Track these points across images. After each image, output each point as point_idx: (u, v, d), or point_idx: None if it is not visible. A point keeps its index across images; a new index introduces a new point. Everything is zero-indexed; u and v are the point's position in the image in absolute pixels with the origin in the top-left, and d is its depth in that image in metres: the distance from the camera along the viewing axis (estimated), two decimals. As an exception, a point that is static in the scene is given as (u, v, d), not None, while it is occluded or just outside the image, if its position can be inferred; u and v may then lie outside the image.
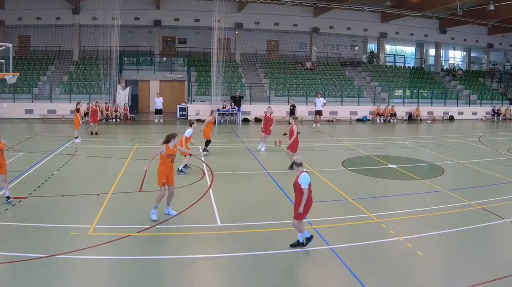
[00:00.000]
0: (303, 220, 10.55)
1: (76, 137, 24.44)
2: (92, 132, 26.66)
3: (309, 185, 10.24)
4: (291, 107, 31.35)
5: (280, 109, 37.02)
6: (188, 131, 17.71)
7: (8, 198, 13.67)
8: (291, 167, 18.43)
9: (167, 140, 12.54)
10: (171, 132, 12.72)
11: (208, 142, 21.39)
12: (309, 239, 10.41)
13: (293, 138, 18.68)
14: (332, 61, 47.10)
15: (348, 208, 13.79)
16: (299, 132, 23.23)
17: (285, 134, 23.18)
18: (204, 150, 21.09)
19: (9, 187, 14.05)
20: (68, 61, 42.43)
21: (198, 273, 9.86)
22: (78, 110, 24.92)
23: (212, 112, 22.38)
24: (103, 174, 18.24)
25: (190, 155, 17.92)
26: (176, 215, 12.85)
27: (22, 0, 40.36)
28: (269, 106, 25.32)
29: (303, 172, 10.35)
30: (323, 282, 9.51)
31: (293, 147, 18.81)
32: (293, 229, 11.11)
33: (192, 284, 9.35)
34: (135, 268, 9.74)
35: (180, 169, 17.84)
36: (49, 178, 16.87)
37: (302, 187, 10.14)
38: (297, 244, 10.59)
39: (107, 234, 11.35)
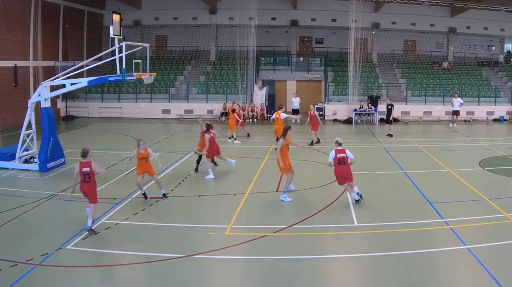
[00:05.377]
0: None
1: (235, 138, 24.99)
2: (248, 134, 26.96)
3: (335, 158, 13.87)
4: (389, 107, 29.20)
5: (416, 109, 37.68)
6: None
7: (165, 195, 14.58)
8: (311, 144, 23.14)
9: (285, 133, 14.62)
10: (286, 125, 15.13)
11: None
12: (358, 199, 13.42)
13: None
14: (469, 61, 45.91)
15: (485, 208, 13.86)
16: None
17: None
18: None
19: (146, 187, 14.83)
20: (205, 61, 43.59)
21: (334, 274, 10.18)
22: (233, 110, 26.01)
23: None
24: (240, 174, 18.27)
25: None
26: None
27: (159, 1, 42.08)
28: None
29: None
30: (460, 282, 9.73)
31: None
32: (431, 229, 12.02)
33: (329, 285, 9.74)
34: (271, 268, 10.05)
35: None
36: (186, 178, 17.48)
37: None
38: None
39: (244, 234, 11.65)
